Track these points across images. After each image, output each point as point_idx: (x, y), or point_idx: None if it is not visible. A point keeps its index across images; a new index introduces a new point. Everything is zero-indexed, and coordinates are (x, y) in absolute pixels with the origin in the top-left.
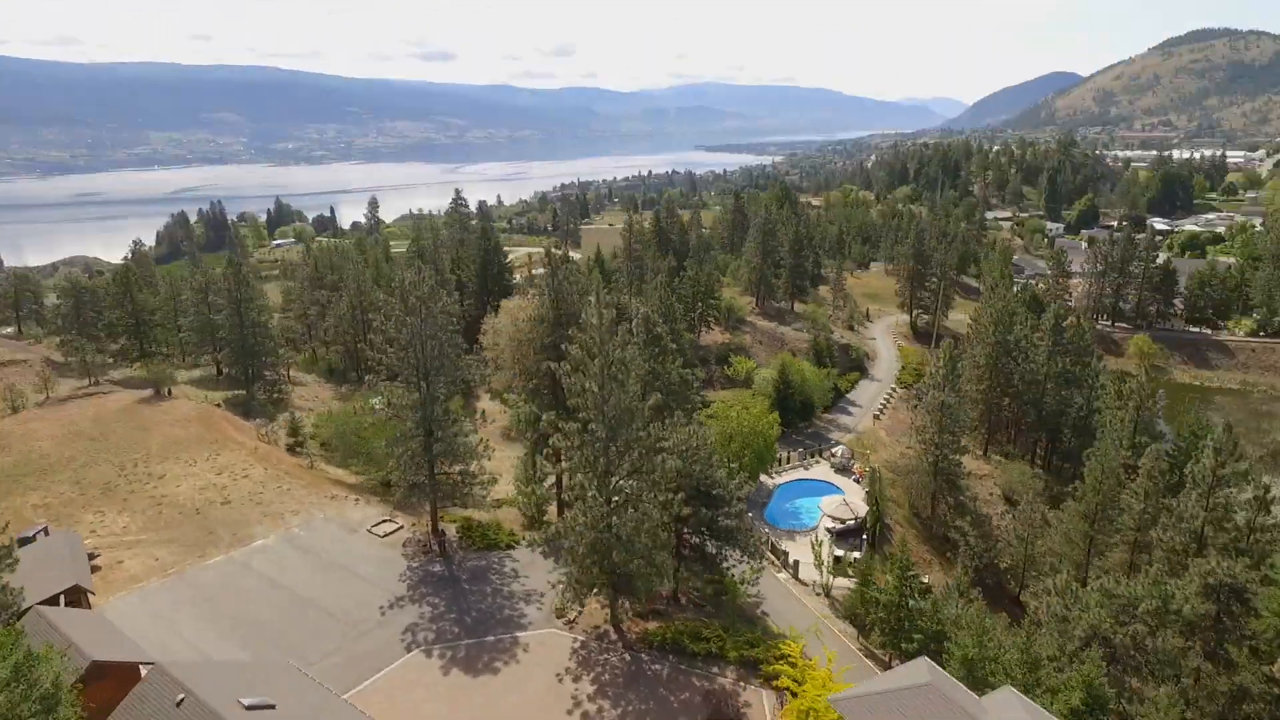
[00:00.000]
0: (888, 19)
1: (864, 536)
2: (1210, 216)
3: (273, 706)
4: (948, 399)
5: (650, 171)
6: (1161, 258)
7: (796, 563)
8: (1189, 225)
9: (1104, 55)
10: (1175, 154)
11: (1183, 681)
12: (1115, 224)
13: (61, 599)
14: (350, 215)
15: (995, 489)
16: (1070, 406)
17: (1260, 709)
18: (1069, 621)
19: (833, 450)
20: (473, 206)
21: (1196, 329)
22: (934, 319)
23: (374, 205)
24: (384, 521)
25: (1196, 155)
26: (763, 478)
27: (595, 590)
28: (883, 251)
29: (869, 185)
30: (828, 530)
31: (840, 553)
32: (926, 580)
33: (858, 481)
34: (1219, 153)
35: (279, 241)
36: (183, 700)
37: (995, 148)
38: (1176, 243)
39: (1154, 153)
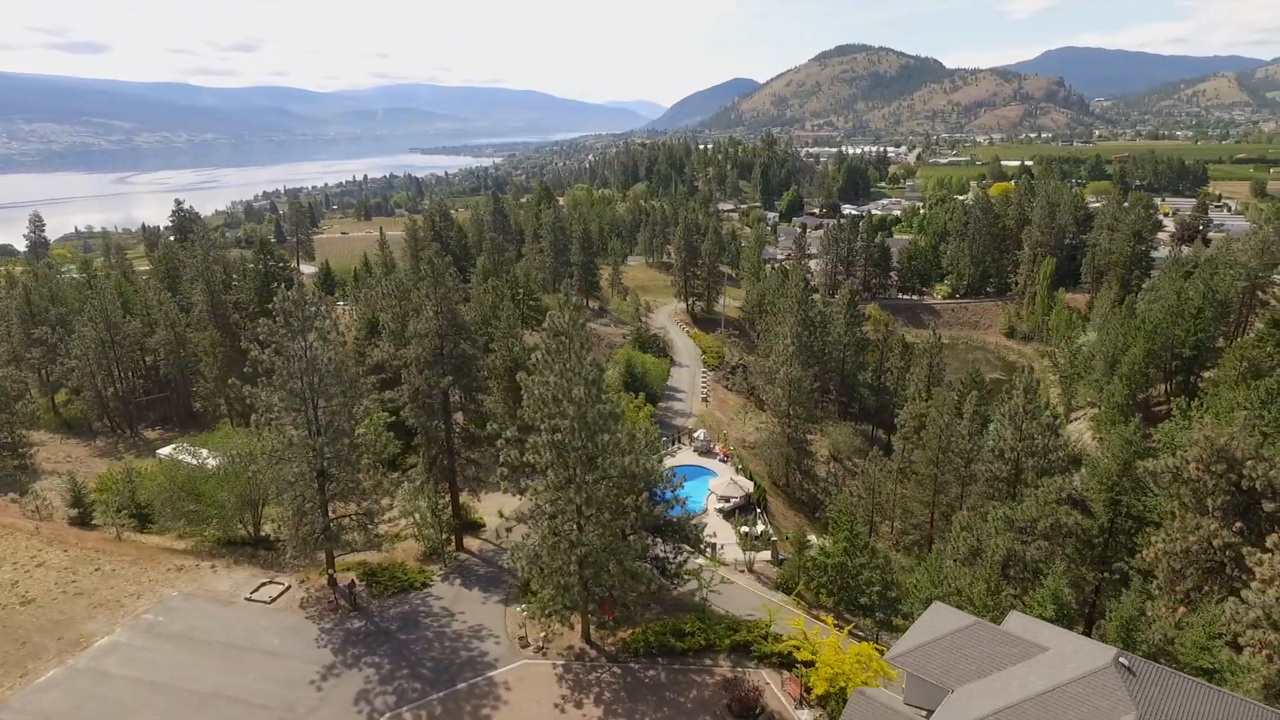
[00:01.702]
0: (590, 25)
1: (757, 510)
2: (885, 202)
3: None
4: (795, 373)
5: (366, 176)
6: (877, 239)
7: (714, 544)
8: (872, 209)
9: (776, 64)
10: (850, 150)
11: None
12: (817, 211)
13: None
14: None
15: (824, 450)
16: (864, 369)
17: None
18: (982, 551)
19: (693, 434)
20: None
21: (907, 296)
22: (709, 305)
23: (38, 224)
24: (264, 584)
25: (859, 150)
26: None
27: (575, 609)
28: (640, 245)
29: (605, 183)
30: (718, 510)
31: (756, 529)
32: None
33: (724, 461)
34: (882, 149)
35: None
36: None
37: (708, 145)
38: (869, 225)
39: (834, 150)
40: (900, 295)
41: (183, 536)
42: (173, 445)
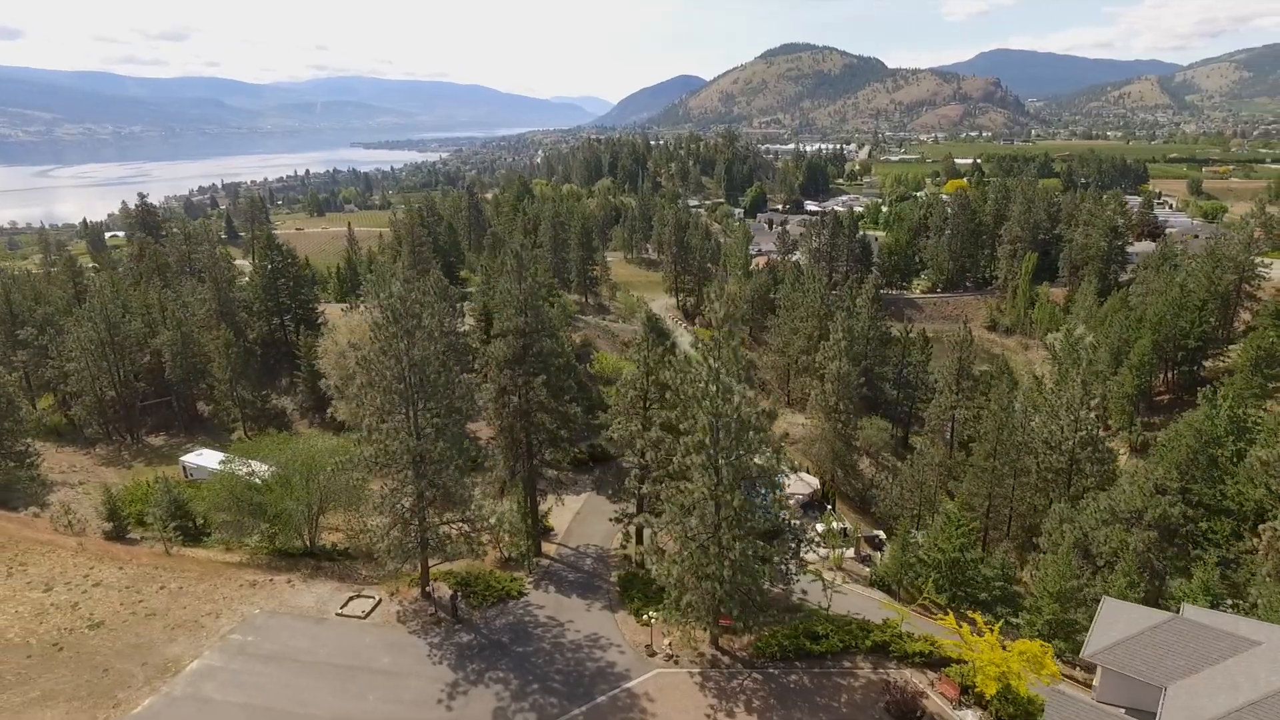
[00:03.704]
0: (534, 19)
1: (828, 507)
2: (845, 198)
3: None
4: (845, 369)
5: (309, 171)
6: (860, 234)
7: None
8: (833, 206)
9: (722, 62)
10: (805, 148)
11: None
12: (780, 207)
13: None
14: None
15: (856, 444)
16: (885, 364)
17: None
18: (1090, 543)
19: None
20: (92, 213)
21: (887, 290)
22: (699, 301)
23: None
24: (353, 599)
25: (816, 148)
26: None
27: (717, 615)
28: (617, 241)
29: (568, 179)
30: None
31: (835, 526)
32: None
33: None
34: (838, 147)
35: None
36: None
37: (665, 141)
38: (851, 221)
39: (783, 146)
40: (880, 290)
41: (231, 549)
42: (220, 454)
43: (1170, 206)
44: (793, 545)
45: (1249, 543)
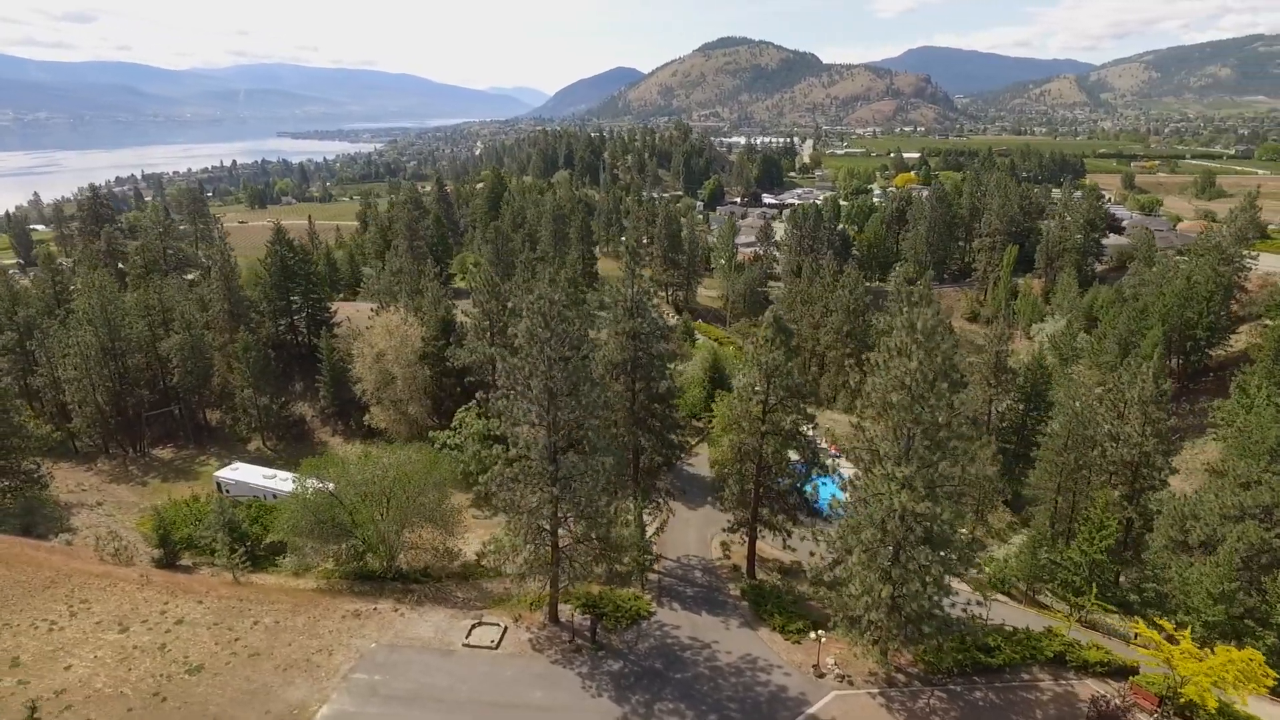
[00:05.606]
0: (466, 5)
1: None
2: (799, 191)
3: None
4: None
5: (235, 161)
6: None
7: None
8: (789, 198)
9: (659, 54)
10: (754, 141)
11: None
12: (739, 200)
13: None
14: None
15: None
16: None
17: None
18: (1215, 541)
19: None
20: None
21: (866, 282)
22: (688, 296)
23: None
24: (476, 627)
25: (766, 140)
26: None
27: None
28: (594, 234)
29: (523, 170)
30: None
31: None
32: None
33: (837, 457)
34: (789, 140)
35: None
36: None
37: (603, 132)
38: (833, 213)
39: (727, 139)
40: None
41: (300, 574)
42: (260, 468)
43: (1109, 200)
44: (967, 557)
45: None
